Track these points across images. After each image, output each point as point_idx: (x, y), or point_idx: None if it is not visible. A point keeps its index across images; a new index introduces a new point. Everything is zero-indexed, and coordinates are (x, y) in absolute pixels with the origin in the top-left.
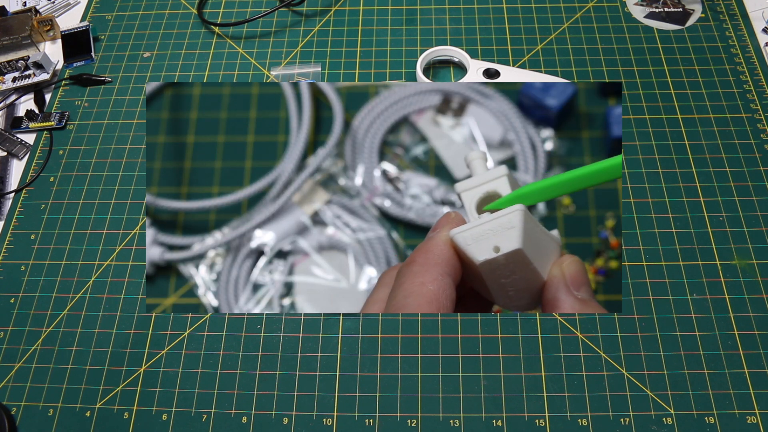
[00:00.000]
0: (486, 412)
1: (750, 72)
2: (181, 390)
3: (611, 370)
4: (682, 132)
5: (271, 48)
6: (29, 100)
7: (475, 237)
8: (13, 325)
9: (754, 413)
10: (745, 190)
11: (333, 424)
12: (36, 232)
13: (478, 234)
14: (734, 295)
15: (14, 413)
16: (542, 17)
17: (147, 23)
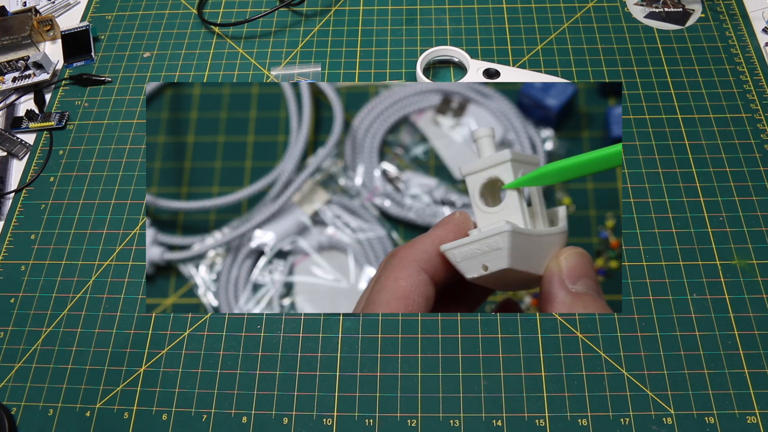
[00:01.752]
0: (486, 412)
1: (750, 72)
2: (181, 390)
3: (611, 370)
4: (682, 132)
5: (271, 48)
6: (29, 100)
7: (464, 255)
8: (13, 325)
9: (754, 413)
10: (745, 190)
11: (333, 424)
12: (36, 232)
13: (467, 252)
14: (734, 295)
15: (14, 413)
16: (542, 17)
17: (147, 23)
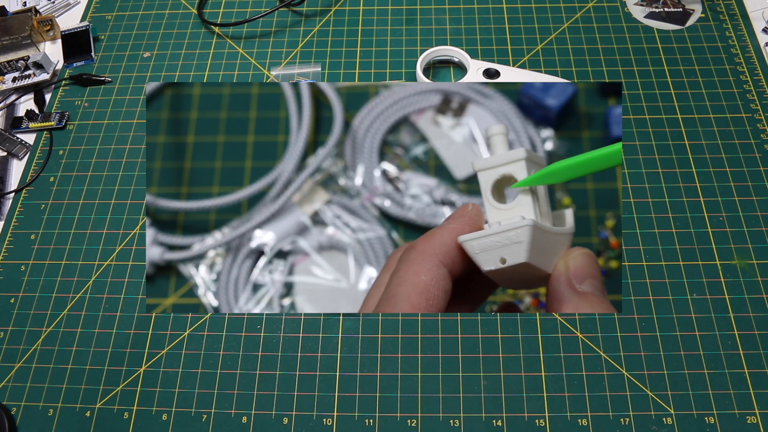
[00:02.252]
0: (486, 412)
1: (750, 72)
2: (181, 390)
3: (611, 370)
4: (682, 132)
5: (271, 48)
6: (29, 100)
7: (483, 246)
8: (13, 325)
9: (754, 413)
10: (745, 190)
11: (333, 424)
12: (36, 232)
13: (486, 244)
14: (734, 295)
15: (14, 413)
16: (542, 17)
17: (147, 23)
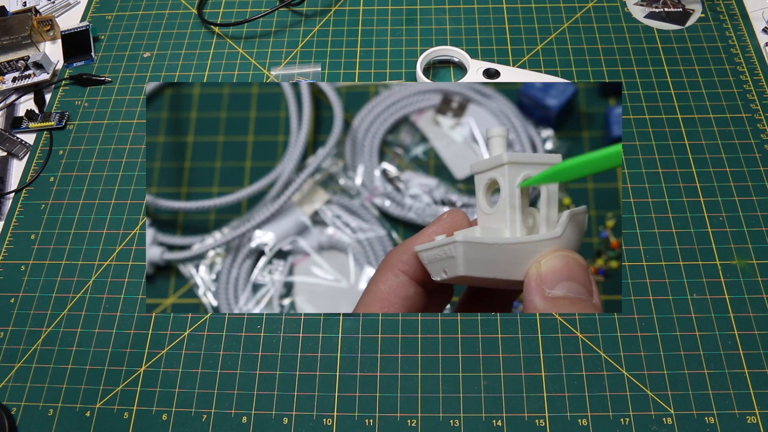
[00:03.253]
0: (486, 412)
1: (750, 72)
2: (181, 390)
3: (611, 370)
4: (682, 132)
5: (271, 48)
6: (29, 100)
7: (429, 258)
8: (13, 325)
9: (754, 413)
10: (745, 190)
11: (333, 424)
12: (36, 232)
13: (432, 256)
14: (734, 295)
15: (14, 413)
16: (542, 17)
17: (147, 23)
